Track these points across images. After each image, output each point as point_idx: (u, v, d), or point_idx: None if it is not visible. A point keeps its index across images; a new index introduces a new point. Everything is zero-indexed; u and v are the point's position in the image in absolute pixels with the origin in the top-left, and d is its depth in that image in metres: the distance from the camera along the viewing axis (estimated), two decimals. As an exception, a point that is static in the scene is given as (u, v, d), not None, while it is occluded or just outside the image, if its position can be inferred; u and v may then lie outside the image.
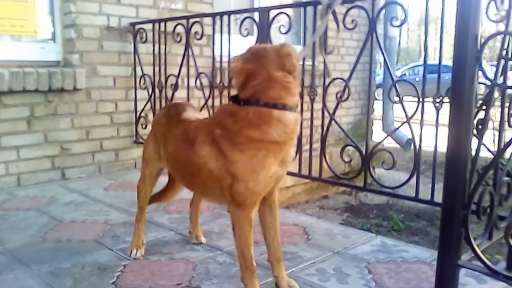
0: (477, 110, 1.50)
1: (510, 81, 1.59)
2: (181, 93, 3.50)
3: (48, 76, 3.18)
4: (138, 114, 3.69)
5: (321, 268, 1.89)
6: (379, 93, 7.93)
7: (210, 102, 3.07)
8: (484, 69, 1.46)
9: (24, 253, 2.03)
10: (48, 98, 3.27)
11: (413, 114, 2.10)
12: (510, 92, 1.55)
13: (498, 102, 1.59)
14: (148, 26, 3.52)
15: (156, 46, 3.47)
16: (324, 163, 2.49)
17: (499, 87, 1.51)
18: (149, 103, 3.61)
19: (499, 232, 1.60)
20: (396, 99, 2.19)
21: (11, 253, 2.04)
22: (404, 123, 2.16)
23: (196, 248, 2.10)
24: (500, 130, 1.61)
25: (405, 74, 19.73)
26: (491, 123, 1.56)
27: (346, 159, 2.44)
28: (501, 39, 1.48)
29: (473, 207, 1.49)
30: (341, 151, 2.45)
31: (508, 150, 1.47)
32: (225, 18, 2.96)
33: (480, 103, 1.51)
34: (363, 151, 2.28)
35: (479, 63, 1.44)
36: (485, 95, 1.52)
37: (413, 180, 2.14)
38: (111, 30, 3.55)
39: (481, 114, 1.51)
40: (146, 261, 1.95)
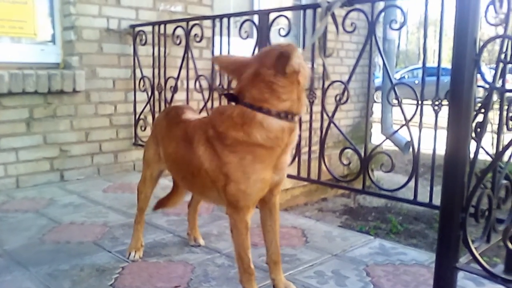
0: (475, 113, 1.50)
1: (508, 84, 1.59)
2: (180, 95, 3.50)
3: (47, 78, 3.19)
4: (137, 116, 3.69)
5: (320, 271, 1.89)
6: (378, 95, 7.96)
7: (209, 104, 3.08)
8: (483, 72, 1.47)
9: (22, 255, 2.03)
10: (48, 100, 3.27)
11: (412, 117, 2.11)
12: (508, 95, 1.56)
13: (496, 105, 1.59)
14: (148, 29, 3.53)
15: (156, 48, 3.48)
16: (323, 166, 2.49)
17: (497, 90, 1.51)
18: (148, 105, 3.61)
19: (497, 235, 1.60)
20: (395, 102, 2.20)
21: (10, 254, 2.03)
22: (403, 126, 2.16)
23: (194, 250, 2.10)
24: (499, 133, 1.61)
25: (404, 77, 19.75)
26: (489, 126, 1.57)
27: (345, 162, 2.44)
28: (499, 42, 1.49)
29: (472, 210, 1.49)
30: (340, 154, 2.45)
31: (507, 153, 1.48)
32: (225, 20, 2.98)
33: (478, 106, 1.51)
34: (362, 153, 2.29)
35: (477, 66, 1.45)
36: (484, 98, 1.52)
37: (411, 182, 2.14)
38: (110, 32, 3.55)
39: (479, 117, 1.51)
40: (145, 263, 1.95)
